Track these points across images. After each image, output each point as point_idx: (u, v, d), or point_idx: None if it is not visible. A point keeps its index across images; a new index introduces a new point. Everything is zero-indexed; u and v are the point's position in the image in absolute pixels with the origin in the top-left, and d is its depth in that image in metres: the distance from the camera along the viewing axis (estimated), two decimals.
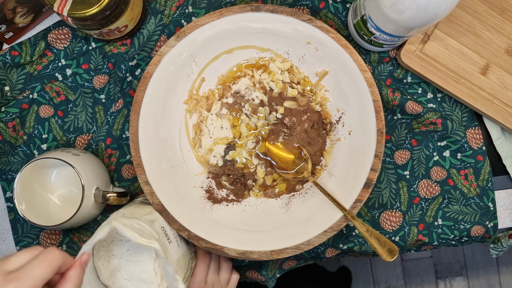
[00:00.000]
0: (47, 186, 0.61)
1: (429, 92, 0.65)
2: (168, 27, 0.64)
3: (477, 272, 1.49)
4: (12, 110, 0.64)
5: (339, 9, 0.64)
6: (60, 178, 0.62)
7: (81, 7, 0.52)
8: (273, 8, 0.59)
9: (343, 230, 0.65)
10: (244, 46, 0.62)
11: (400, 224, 0.65)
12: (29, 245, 0.65)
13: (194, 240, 0.59)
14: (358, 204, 0.59)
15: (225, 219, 0.62)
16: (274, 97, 0.63)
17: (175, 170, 0.62)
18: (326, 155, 0.63)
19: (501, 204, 0.67)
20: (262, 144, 0.63)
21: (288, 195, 0.63)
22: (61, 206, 0.61)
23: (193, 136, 0.64)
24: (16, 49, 0.64)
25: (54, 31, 0.64)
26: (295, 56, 0.63)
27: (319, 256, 0.67)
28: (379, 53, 0.65)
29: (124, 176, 0.65)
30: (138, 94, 0.60)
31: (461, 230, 0.65)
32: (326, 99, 0.63)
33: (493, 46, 0.63)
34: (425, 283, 1.49)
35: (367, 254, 0.67)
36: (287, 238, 0.59)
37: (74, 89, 0.65)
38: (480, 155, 0.65)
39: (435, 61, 0.63)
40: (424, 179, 0.65)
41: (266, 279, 0.67)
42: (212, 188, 0.64)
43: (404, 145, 0.65)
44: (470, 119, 0.65)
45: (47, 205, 0.61)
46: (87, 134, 0.65)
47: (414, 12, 0.48)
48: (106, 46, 0.64)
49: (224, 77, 0.64)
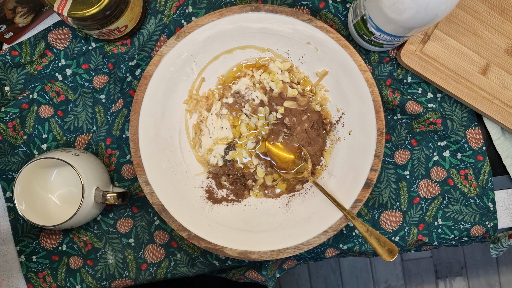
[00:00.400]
0: (47, 186, 0.61)
1: (429, 92, 0.65)
2: (168, 27, 0.64)
3: (477, 272, 1.49)
4: (12, 110, 0.64)
5: (339, 9, 0.64)
6: (60, 178, 0.62)
7: (81, 7, 0.52)
8: (273, 8, 0.59)
9: (343, 230, 0.65)
10: (244, 46, 0.62)
11: (400, 224, 0.65)
12: (29, 245, 0.65)
13: (194, 240, 0.59)
14: (358, 204, 0.59)
15: (225, 219, 0.62)
16: (274, 97, 0.63)
17: (175, 170, 0.62)
18: (326, 155, 0.63)
19: (501, 204, 0.67)
20: (262, 144, 0.63)
21: (288, 195, 0.63)
22: (61, 206, 0.61)
23: (193, 136, 0.64)
24: (16, 49, 0.64)
25: (54, 31, 0.64)
26: (295, 56, 0.63)
27: (319, 256, 0.67)
28: (379, 53, 0.65)
29: (124, 176, 0.65)
30: (138, 94, 0.60)
31: (461, 230, 0.65)
32: (326, 99, 0.63)
33: (493, 46, 0.63)
34: (425, 283, 1.49)
35: (367, 254, 0.67)
36: (287, 238, 0.59)
37: (74, 89, 0.65)
38: (480, 155, 0.65)
39: (435, 61, 0.63)
40: (424, 179, 0.65)
41: (266, 279, 0.67)
42: (212, 188, 0.64)
43: (404, 145, 0.65)
44: (470, 119, 0.65)
45: (47, 205, 0.61)
46: (87, 134, 0.65)
47: (414, 12, 0.48)
48: (106, 46, 0.64)
49: (224, 77, 0.64)
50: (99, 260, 0.65)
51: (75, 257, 0.66)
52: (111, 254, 0.65)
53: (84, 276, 0.65)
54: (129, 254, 0.65)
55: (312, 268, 1.48)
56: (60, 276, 0.65)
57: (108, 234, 0.66)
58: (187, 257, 0.65)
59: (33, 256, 0.65)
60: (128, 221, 0.65)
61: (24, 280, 0.66)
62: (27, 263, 0.65)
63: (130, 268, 0.65)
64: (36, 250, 0.65)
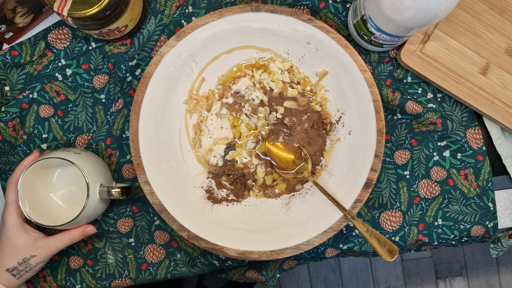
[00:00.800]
0: (49, 187, 0.61)
1: (429, 92, 0.65)
2: (168, 27, 0.64)
3: (477, 272, 1.49)
4: (12, 110, 0.64)
5: (339, 9, 0.64)
6: (62, 179, 0.62)
7: (81, 7, 0.52)
8: (273, 8, 0.59)
9: (343, 230, 0.65)
10: (244, 46, 0.62)
11: (400, 224, 0.65)
12: None
13: (194, 240, 0.59)
14: (358, 204, 0.59)
15: (225, 219, 0.62)
16: (274, 97, 0.63)
17: (175, 170, 0.62)
18: (326, 155, 0.63)
19: (501, 204, 0.67)
20: (262, 144, 0.63)
21: (288, 195, 0.63)
22: (63, 206, 0.61)
23: (193, 136, 0.64)
24: (16, 49, 0.64)
25: (54, 31, 0.64)
26: (295, 56, 0.63)
27: (319, 256, 0.67)
28: (379, 53, 0.65)
29: (124, 176, 0.65)
30: (138, 94, 0.60)
31: (461, 230, 0.65)
32: (326, 99, 0.63)
33: (493, 46, 0.63)
34: (425, 283, 1.49)
35: (367, 254, 0.67)
36: (287, 238, 0.59)
37: (74, 89, 0.65)
38: (480, 155, 0.65)
39: (435, 61, 0.63)
40: (424, 179, 0.65)
41: (266, 279, 0.67)
42: (212, 188, 0.64)
43: (404, 145, 0.65)
44: (470, 119, 0.65)
45: (49, 205, 0.61)
46: (87, 134, 0.65)
47: (414, 12, 0.48)
48: (106, 46, 0.64)
49: (224, 77, 0.64)
50: (99, 259, 0.65)
51: (75, 256, 0.66)
52: (111, 254, 0.65)
53: (84, 276, 0.65)
54: (129, 254, 0.65)
55: (312, 268, 1.48)
56: (60, 276, 0.65)
57: (108, 233, 0.66)
58: (187, 257, 0.65)
59: None
60: (128, 221, 0.65)
61: None
62: None
63: (130, 268, 0.65)
64: None
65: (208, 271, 0.66)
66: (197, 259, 0.65)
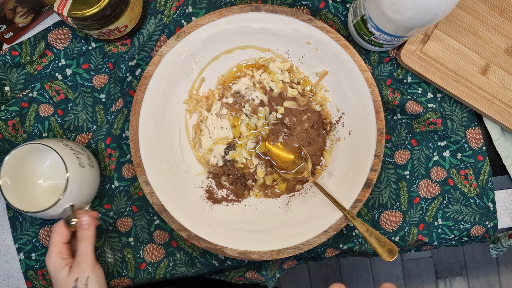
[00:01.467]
0: (38, 172, 0.61)
1: (429, 92, 0.65)
2: (168, 27, 0.64)
3: (477, 272, 1.49)
4: (12, 109, 0.64)
5: (339, 9, 0.64)
6: (51, 168, 0.61)
7: (81, 7, 0.52)
8: (273, 8, 0.59)
9: (343, 230, 0.65)
10: (244, 46, 0.62)
11: (400, 224, 0.65)
12: (28, 243, 0.65)
13: (194, 240, 0.59)
14: (358, 204, 0.59)
15: (225, 219, 0.62)
16: (274, 97, 0.63)
17: (175, 170, 0.62)
18: (326, 155, 0.63)
19: (501, 204, 0.67)
20: (262, 144, 0.63)
21: (288, 195, 0.63)
22: (48, 195, 0.61)
23: (193, 136, 0.64)
24: (16, 49, 0.64)
25: (54, 31, 0.64)
26: (295, 56, 0.63)
27: (319, 256, 0.67)
28: (379, 53, 0.65)
29: (124, 175, 0.65)
30: (138, 94, 0.60)
31: (461, 230, 0.65)
32: (326, 99, 0.63)
33: (493, 46, 0.63)
34: (425, 283, 1.49)
35: (367, 254, 0.67)
36: (287, 238, 0.59)
37: (73, 88, 0.65)
38: (480, 155, 0.65)
39: (435, 61, 0.63)
40: (424, 179, 0.65)
41: (266, 279, 0.67)
42: (212, 188, 0.64)
43: (404, 145, 0.65)
44: (470, 119, 0.65)
45: (34, 190, 0.60)
46: (87, 133, 0.65)
47: (414, 12, 0.48)
48: (106, 46, 0.64)
49: (224, 77, 0.64)
50: (98, 258, 0.65)
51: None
52: (110, 253, 0.65)
53: None
54: (128, 253, 0.65)
55: (312, 268, 1.48)
56: None
57: (108, 232, 0.65)
58: (186, 257, 0.65)
59: (32, 253, 0.65)
60: (128, 220, 0.65)
61: (23, 277, 0.66)
62: (26, 261, 0.65)
63: (129, 267, 0.65)
64: (35, 247, 0.65)
65: (207, 271, 0.66)
66: (197, 259, 0.65)
